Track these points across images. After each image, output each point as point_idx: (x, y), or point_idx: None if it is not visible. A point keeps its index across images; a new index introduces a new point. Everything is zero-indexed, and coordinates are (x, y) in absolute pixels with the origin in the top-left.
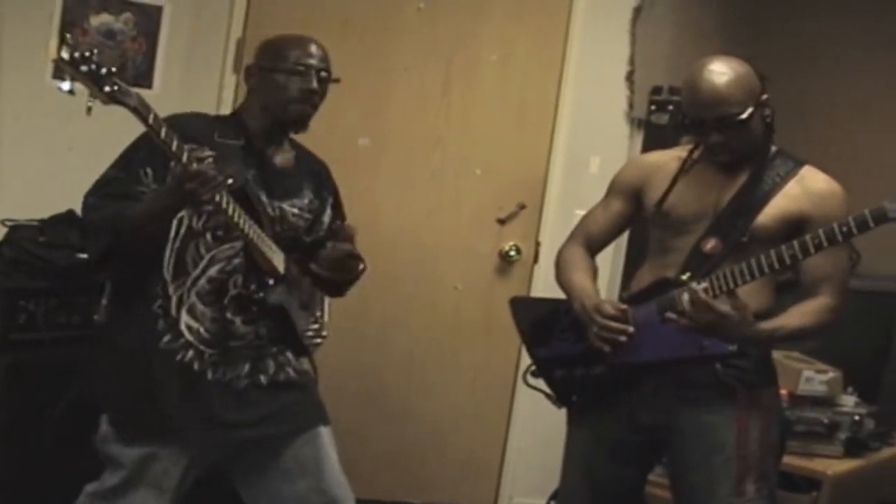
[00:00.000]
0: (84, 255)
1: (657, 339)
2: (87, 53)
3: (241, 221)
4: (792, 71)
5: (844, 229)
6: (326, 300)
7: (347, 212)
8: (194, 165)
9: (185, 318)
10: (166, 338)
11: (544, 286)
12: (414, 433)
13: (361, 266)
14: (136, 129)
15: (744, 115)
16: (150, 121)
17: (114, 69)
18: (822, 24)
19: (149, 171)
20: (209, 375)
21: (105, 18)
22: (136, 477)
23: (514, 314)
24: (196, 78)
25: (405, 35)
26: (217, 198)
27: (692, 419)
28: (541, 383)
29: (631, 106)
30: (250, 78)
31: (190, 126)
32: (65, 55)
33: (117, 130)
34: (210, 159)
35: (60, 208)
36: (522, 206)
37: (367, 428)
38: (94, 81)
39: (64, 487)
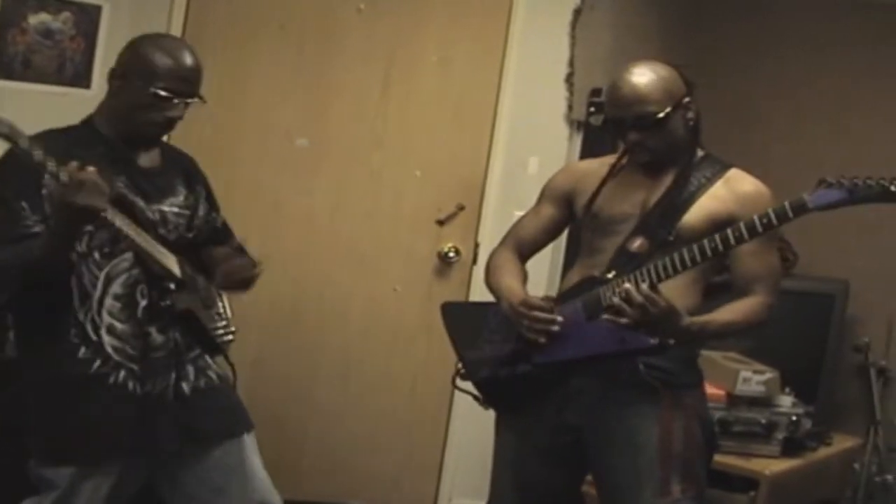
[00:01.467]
0: None
1: (581, 336)
2: None
3: (128, 230)
4: (731, 73)
5: (765, 221)
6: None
7: (286, 212)
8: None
9: (107, 339)
10: (96, 363)
11: (483, 288)
12: (352, 434)
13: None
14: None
15: (661, 115)
16: (25, 145)
17: None
18: (761, 26)
19: (24, 204)
20: (138, 390)
21: (43, 17)
22: (68, 495)
23: (444, 320)
24: None
25: (345, 36)
26: (109, 216)
27: (615, 419)
28: (469, 386)
29: (570, 107)
30: (113, 81)
31: (45, 146)
32: None
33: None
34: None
35: None
36: (461, 208)
37: (304, 429)
38: None
39: None
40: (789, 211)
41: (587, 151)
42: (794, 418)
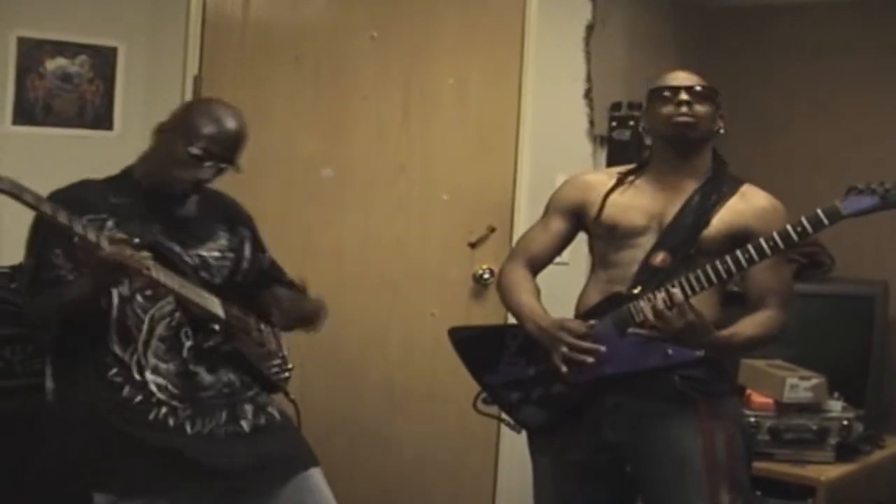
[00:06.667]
0: None
1: (618, 353)
2: None
3: (163, 277)
4: (747, 81)
5: (799, 229)
6: (283, 334)
7: (317, 243)
8: (105, 246)
9: (151, 377)
10: (136, 399)
11: None
12: (402, 462)
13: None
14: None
15: (709, 92)
16: (49, 211)
17: None
18: (776, 32)
19: (58, 251)
20: (188, 430)
21: (60, 62)
22: None
23: (454, 344)
24: (156, 117)
25: (360, 64)
26: (146, 272)
27: (656, 434)
28: (494, 410)
29: (592, 123)
30: (158, 135)
31: (81, 196)
32: None
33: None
34: (120, 236)
35: None
36: (492, 229)
37: (354, 461)
38: None
39: None
40: (824, 218)
41: (612, 166)
42: (845, 423)
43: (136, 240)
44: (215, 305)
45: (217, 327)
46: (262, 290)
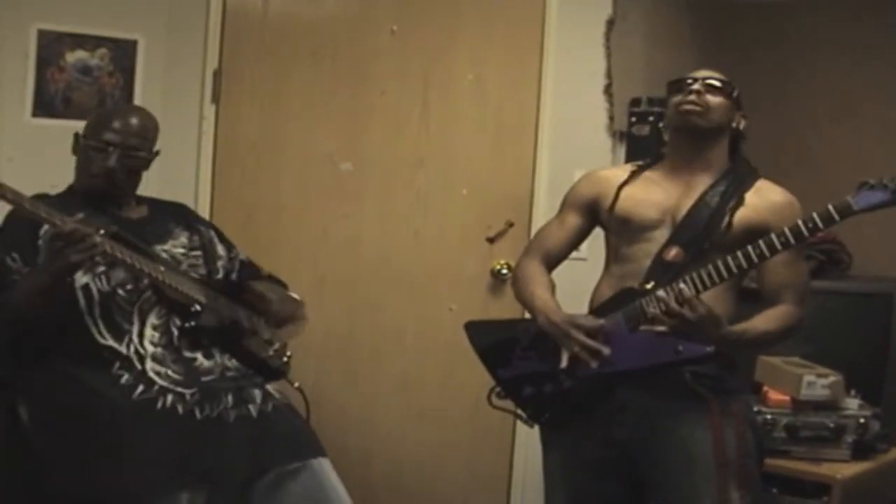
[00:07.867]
0: None
1: (629, 349)
2: None
3: (139, 263)
4: (768, 78)
5: (810, 225)
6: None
7: (335, 237)
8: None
9: (150, 365)
10: (138, 389)
11: None
12: (417, 457)
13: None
14: None
15: (723, 85)
16: (9, 196)
17: None
18: (796, 28)
19: (15, 255)
20: (197, 415)
21: (80, 55)
22: None
23: (470, 338)
24: (175, 110)
25: (379, 58)
26: (109, 249)
27: (667, 432)
28: (509, 404)
29: (611, 118)
30: (74, 144)
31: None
32: None
33: None
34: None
35: None
36: (510, 224)
37: (368, 455)
38: None
39: None
40: (835, 214)
41: (631, 162)
42: (861, 420)
43: (102, 230)
44: (193, 289)
45: (198, 308)
46: (247, 286)
